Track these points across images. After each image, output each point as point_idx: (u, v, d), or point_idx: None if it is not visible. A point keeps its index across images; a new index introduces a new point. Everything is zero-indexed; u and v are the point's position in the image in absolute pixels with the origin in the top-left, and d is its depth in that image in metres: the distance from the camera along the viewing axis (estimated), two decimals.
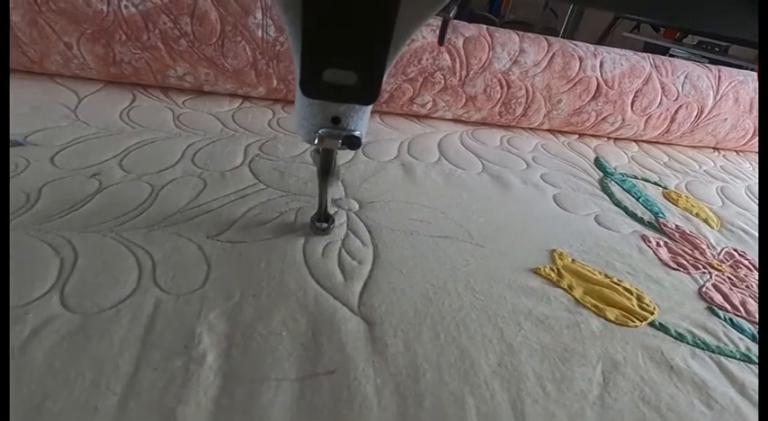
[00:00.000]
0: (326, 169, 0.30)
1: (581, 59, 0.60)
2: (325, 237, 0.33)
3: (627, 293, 0.35)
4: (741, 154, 0.78)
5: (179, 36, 0.48)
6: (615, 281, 0.36)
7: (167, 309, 0.26)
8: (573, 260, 0.38)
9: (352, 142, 0.27)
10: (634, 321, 0.32)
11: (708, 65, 0.70)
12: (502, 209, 0.44)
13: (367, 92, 0.24)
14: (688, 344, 0.31)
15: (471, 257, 0.35)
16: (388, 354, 0.25)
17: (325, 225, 0.34)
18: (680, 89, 0.66)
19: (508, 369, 0.26)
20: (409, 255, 0.33)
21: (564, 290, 0.34)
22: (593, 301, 0.33)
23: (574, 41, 0.62)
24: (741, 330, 0.33)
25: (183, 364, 0.23)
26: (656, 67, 0.64)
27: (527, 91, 0.60)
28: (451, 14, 0.28)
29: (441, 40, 0.30)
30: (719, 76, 0.68)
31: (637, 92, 0.64)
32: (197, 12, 0.47)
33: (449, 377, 0.25)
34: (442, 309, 0.29)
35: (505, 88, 0.59)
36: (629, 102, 0.64)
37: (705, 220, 0.51)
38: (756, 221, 0.53)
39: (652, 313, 0.33)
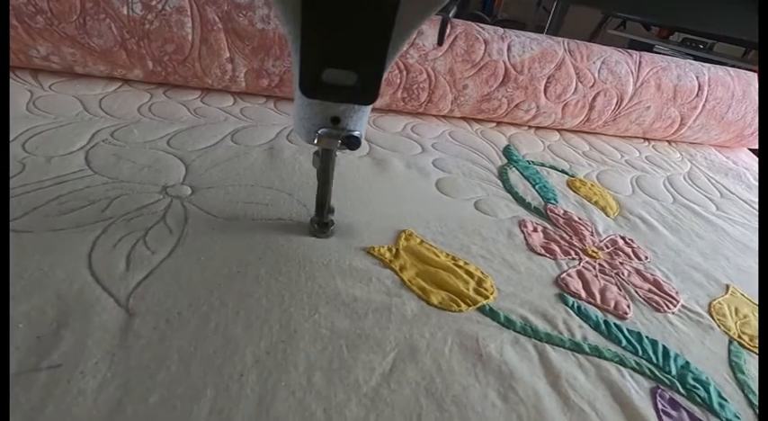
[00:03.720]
0: (326, 170, 0.30)
1: (486, 43, 0.58)
2: (127, 228, 0.30)
3: (466, 276, 0.32)
4: (673, 144, 0.76)
5: (35, 12, 0.45)
6: (460, 264, 0.33)
7: None
8: (421, 241, 0.35)
9: (352, 142, 0.27)
10: (460, 305, 0.29)
11: (629, 50, 0.68)
12: (367, 191, 0.41)
13: (367, 91, 0.24)
14: (514, 330, 0.28)
15: (295, 237, 0.32)
16: (136, 347, 0.22)
17: (324, 226, 0.33)
18: (596, 75, 0.63)
19: (276, 358, 0.23)
20: (219, 241, 0.31)
21: (393, 271, 0.31)
22: (421, 284, 0.30)
23: (480, 25, 0.60)
24: (586, 318, 0.31)
25: None
26: (569, 52, 0.62)
27: (429, 75, 0.57)
28: (451, 14, 0.27)
29: (440, 41, 0.30)
30: (640, 62, 0.66)
31: (549, 77, 0.61)
32: None
33: (197, 369, 0.22)
34: (228, 297, 0.26)
35: (404, 72, 0.56)
36: (542, 88, 0.62)
37: (603, 208, 0.48)
38: (663, 211, 0.51)
39: (487, 298, 0.31)
